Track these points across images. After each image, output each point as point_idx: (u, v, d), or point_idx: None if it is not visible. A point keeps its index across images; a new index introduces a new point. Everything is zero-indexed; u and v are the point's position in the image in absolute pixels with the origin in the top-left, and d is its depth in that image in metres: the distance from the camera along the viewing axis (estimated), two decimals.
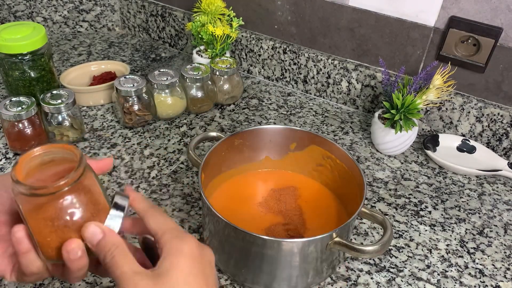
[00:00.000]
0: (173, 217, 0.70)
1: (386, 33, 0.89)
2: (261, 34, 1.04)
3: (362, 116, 0.97)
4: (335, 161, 0.69)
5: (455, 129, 0.89)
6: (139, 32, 1.22)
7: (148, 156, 0.82)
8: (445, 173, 0.83)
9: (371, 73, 0.93)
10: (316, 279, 0.60)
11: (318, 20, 0.95)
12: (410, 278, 0.64)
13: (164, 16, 1.14)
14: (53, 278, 0.60)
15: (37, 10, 1.16)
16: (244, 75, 1.09)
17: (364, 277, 0.63)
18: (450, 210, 0.75)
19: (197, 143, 0.68)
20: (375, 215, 0.59)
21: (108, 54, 1.13)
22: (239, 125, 0.91)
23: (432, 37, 0.85)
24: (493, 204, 0.77)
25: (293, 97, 1.02)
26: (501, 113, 0.83)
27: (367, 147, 0.88)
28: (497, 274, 0.65)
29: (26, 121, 0.76)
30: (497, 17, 0.78)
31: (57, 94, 0.80)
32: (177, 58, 1.14)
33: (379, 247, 0.54)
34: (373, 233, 0.70)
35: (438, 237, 0.70)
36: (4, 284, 0.59)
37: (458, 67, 0.84)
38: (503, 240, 0.71)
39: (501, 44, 0.80)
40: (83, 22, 1.21)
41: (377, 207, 0.75)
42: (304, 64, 1.00)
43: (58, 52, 1.13)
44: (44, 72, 0.86)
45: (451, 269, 0.65)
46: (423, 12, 0.84)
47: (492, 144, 0.87)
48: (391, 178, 0.81)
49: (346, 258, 0.66)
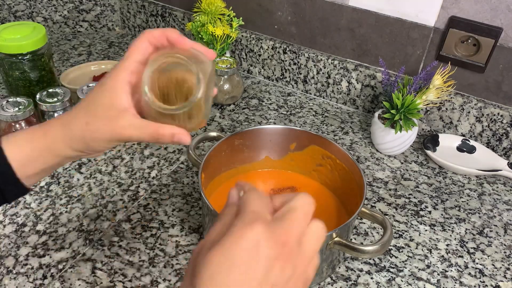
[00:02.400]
0: (173, 217, 0.70)
1: (386, 33, 0.89)
2: (261, 34, 1.04)
3: (362, 116, 0.97)
4: (335, 161, 0.69)
5: (455, 129, 0.89)
6: (139, 32, 1.22)
7: (148, 156, 0.82)
8: (445, 173, 0.83)
9: (371, 73, 0.93)
10: (316, 279, 0.60)
11: (318, 20, 0.95)
12: (410, 278, 0.64)
13: (164, 16, 1.14)
14: (53, 278, 0.60)
15: (37, 10, 1.16)
16: (244, 75, 1.09)
17: (364, 277, 0.63)
18: (450, 210, 0.75)
19: (197, 143, 0.68)
20: (375, 215, 0.59)
21: (108, 54, 1.13)
22: (239, 125, 0.91)
23: (432, 37, 0.85)
24: (493, 204, 0.77)
25: (293, 97, 1.02)
26: (501, 113, 0.83)
27: (367, 147, 0.88)
28: (497, 274, 0.65)
29: (23, 122, 0.76)
30: (497, 17, 0.78)
31: (53, 92, 0.80)
32: None
33: (379, 247, 0.54)
34: (373, 233, 0.70)
35: (438, 237, 0.70)
36: (4, 284, 0.59)
37: (458, 67, 0.84)
38: (503, 240, 0.71)
39: (501, 44, 0.80)
40: (83, 22, 1.21)
41: (377, 207, 0.75)
42: (304, 64, 1.00)
43: (58, 52, 1.13)
44: (44, 72, 0.86)
45: (451, 269, 0.65)
46: (423, 12, 0.84)
47: (492, 144, 0.87)
48: (391, 178, 0.81)
49: (346, 258, 0.66)
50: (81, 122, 0.45)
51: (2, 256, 0.63)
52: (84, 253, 0.64)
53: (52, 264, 0.62)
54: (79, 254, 0.64)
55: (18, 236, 0.66)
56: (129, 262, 0.63)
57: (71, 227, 0.68)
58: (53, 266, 0.62)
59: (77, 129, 0.45)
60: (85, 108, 0.45)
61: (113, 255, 0.64)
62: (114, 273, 0.61)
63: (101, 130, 0.45)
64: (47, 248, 0.64)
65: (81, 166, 0.78)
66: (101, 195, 0.73)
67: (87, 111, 0.45)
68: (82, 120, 0.45)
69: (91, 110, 0.45)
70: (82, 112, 0.45)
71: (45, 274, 0.61)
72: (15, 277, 0.60)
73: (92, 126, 0.44)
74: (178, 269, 0.62)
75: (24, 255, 0.63)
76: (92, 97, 0.45)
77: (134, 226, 0.68)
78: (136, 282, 0.60)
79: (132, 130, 0.44)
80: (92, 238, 0.66)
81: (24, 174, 0.45)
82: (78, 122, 0.45)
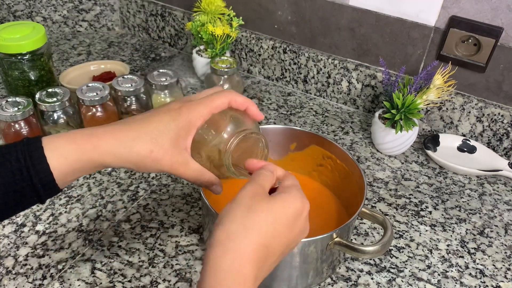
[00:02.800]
0: (173, 217, 0.70)
1: (387, 32, 0.89)
2: (261, 33, 1.04)
3: (363, 116, 0.97)
4: (335, 161, 0.68)
5: (456, 129, 0.89)
6: (139, 32, 1.22)
7: None
8: (445, 173, 0.83)
9: (372, 73, 0.93)
10: (316, 280, 0.60)
11: (318, 20, 0.95)
12: (410, 278, 0.63)
13: (164, 15, 1.14)
14: (53, 278, 0.60)
15: (37, 9, 1.15)
16: (244, 75, 1.09)
17: (365, 278, 0.63)
18: (450, 210, 0.75)
19: None
20: (376, 215, 0.59)
21: (107, 53, 1.13)
22: None
23: (432, 37, 0.85)
24: (493, 204, 0.77)
25: (293, 97, 1.02)
26: (501, 113, 0.83)
27: (368, 147, 0.88)
28: (497, 275, 0.65)
29: (22, 121, 0.76)
30: (497, 17, 0.78)
31: (53, 92, 0.80)
32: (177, 58, 1.14)
33: (379, 248, 0.54)
34: (373, 233, 0.70)
35: (439, 237, 0.70)
36: (4, 285, 0.59)
37: (459, 67, 0.84)
38: (503, 240, 0.70)
39: (501, 44, 0.80)
40: (82, 21, 1.21)
41: (377, 207, 0.75)
42: (304, 64, 1.00)
43: (57, 52, 1.12)
44: (43, 72, 0.86)
45: (451, 270, 0.65)
46: (423, 12, 0.84)
47: (493, 144, 0.87)
48: (391, 178, 0.81)
49: (346, 258, 0.65)
50: (145, 148, 0.45)
51: (1, 257, 0.62)
52: (83, 254, 0.64)
53: (51, 265, 0.62)
54: (79, 255, 0.63)
55: (17, 236, 0.66)
56: (128, 262, 0.63)
57: (71, 227, 0.67)
58: (52, 266, 0.62)
59: (137, 152, 0.45)
60: (150, 134, 0.46)
61: (112, 255, 0.64)
62: (114, 274, 0.61)
63: (162, 162, 0.46)
64: (47, 249, 0.64)
65: None
66: (100, 195, 0.73)
67: (153, 139, 0.46)
68: (146, 146, 0.46)
69: (158, 140, 0.46)
70: (146, 136, 0.46)
71: (44, 274, 0.61)
72: (15, 277, 0.60)
73: (157, 155, 0.46)
74: (178, 270, 0.62)
75: (23, 255, 0.63)
76: (158, 125, 0.46)
77: (133, 226, 0.68)
78: (135, 282, 0.60)
79: (191, 172, 0.48)
80: (92, 238, 0.66)
81: (63, 181, 0.45)
82: (141, 147, 0.45)
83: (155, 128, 0.46)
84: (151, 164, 0.46)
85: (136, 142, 0.46)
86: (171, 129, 0.46)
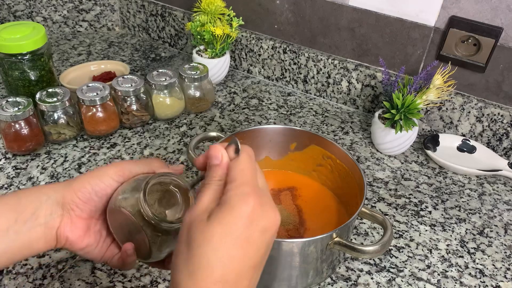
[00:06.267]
0: None
1: (386, 33, 0.89)
2: (261, 34, 1.04)
3: (362, 116, 0.97)
4: (335, 161, 0.68)
5: (455, 129, 0.89)
6: (139, 32, 1.22)
7: (148, 156, 0.82)
8: (445, 173, 0.83)
9: (371, 73, 0.93)
10: (316, 279, 0.60)
11: (318, 20, 0.95)
12: (410, 278, 0.63)
13: (164, 15, 1.14)
14: (53, 278, 0.60)
15: (37, 10, 1.16)
16: (244, 74, 1.09)
17: (364, 277, 0.63)
18: (450, 210, 0.75)
19: (197, 143, 0.68)
20: (375, 215, 0.59)
21: (108, 54, 1.13)
22: (239, 125, 0.91)
23: (432, 37, 0.85)
24: (493, 204, 0.77)
25: (293, 97, 1.02)
26: (501, 113, 0.83)
27: (367, 147, 0.88)
28: (497, 274, 0.65)
29: (22, 121, 0.76)
30: (497, 17, 0.78)
31: (53, 92, 0.80)
32: (177, 58, 1.14)
33: (379, 247, 0.54)
34: (373, 233, 0.70)
35: (438, 237, 0.70)
36: (4, 285, 0.59)
37: (459, 67, 0.84)
38: (503, 240, 0.71)
39: (501, 44, 0.80)
40: (82, 21, 1.21)
41: (377, 207, 0.75)
42: (304, 64, 1.00)
43: (57, 52, 1.12)
44: (43, 72, 0.86)
45: (451, 269, 0.65)
46: (423, 12, 0.84)
47: (492, 144, 0.87)
48: (391, 178, 0.81)
49: (346, 258, 0.65)
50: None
51: None
52: None
53: (51, 264, 0.62)
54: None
55: None
56: None
57: None
58: (52, 266, 0.62)
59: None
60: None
61: None
62: (114, 273, 0.61)
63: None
64: None
65: (80, 166, 0.78)
66: None
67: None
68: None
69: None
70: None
71: (44, 274, 0.61)
72: (15, 277, 0.60)
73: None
74: None
75: None
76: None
77: None
78: (135, 282, 0.60)
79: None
80: None
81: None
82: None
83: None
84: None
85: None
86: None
